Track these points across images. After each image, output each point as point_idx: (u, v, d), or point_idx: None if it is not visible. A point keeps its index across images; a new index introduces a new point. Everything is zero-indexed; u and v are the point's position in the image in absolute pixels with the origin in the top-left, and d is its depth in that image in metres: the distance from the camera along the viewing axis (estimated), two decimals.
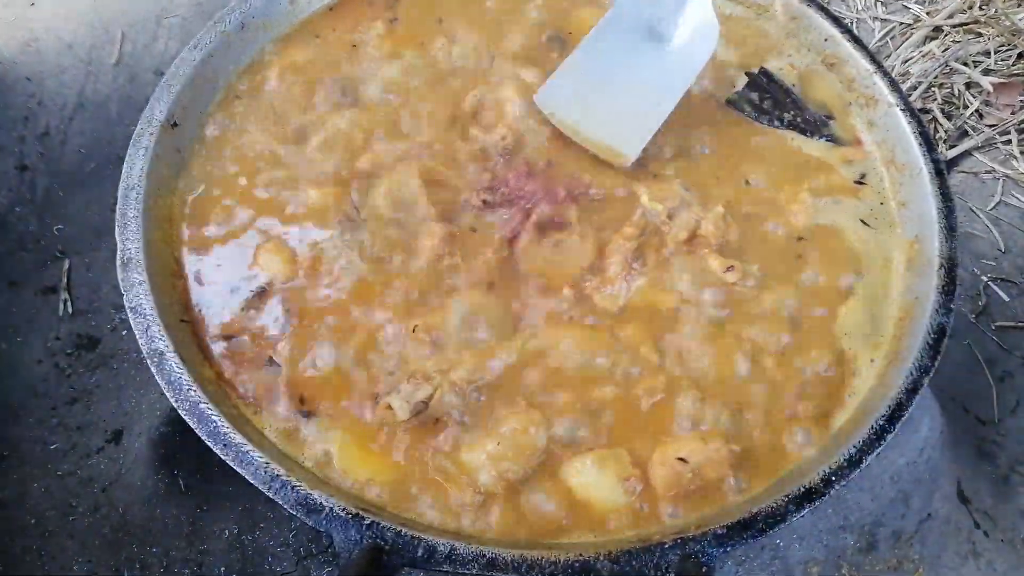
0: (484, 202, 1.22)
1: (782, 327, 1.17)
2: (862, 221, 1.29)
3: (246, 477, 0.98)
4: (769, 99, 1.40)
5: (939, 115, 1.93)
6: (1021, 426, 1.56)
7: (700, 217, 1.22)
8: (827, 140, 1.37)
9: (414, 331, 1.11)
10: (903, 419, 1.05)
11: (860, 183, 1.32)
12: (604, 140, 1.27)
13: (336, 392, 1.09)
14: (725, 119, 1.38)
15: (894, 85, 1.36)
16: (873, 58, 1.39)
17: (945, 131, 1.92)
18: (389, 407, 1.05)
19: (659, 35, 1.31)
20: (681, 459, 1.04)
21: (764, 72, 1.43)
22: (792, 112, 1.39)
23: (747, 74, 1.42)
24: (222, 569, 1.31)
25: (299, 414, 1.07)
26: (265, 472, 0.97)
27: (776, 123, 1.38)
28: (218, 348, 1.12)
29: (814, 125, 1.38)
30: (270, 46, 1.41)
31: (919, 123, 1.31)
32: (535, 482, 1.04)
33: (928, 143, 1.29)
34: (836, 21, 1.43)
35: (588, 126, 1.28)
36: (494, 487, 1.03)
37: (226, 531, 1.33)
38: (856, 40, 1.41)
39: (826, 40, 1.43)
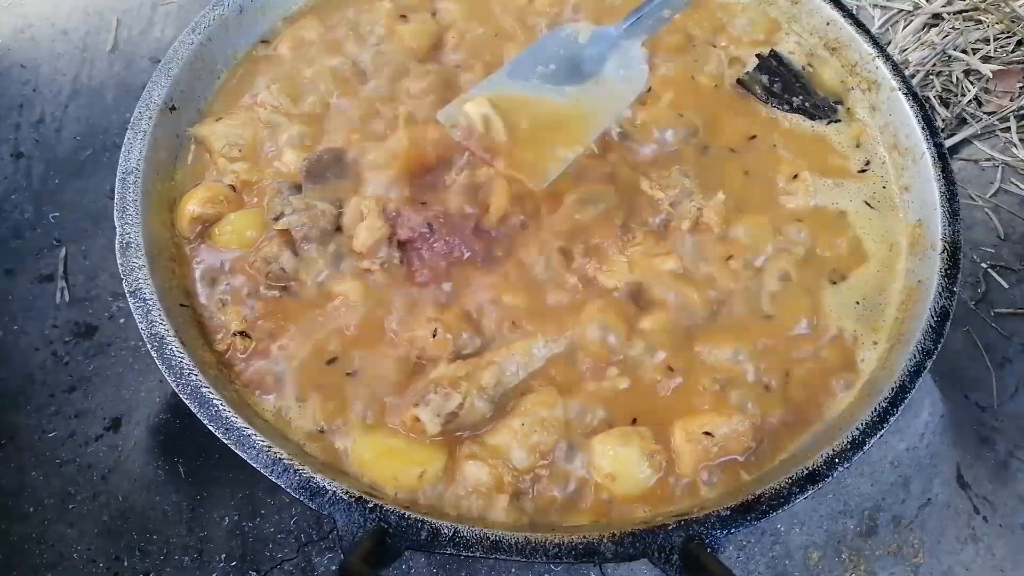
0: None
1: (783, 308, 1.18)
2: (866, 203, 1.29)
3: (248, 461, 0.97)
4: (779, 82, 1.39)
5: (936, 104, 1.93)
6: (1020, 412, 1.57)
7: (701, 205, 1.22)
8: (834, 124, 1.37)
9: (435, 335, 1.09)
10: (906, 402, 1.05)
11: (863, 171, 1.32)
12: (511, 166, 1.19)
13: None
14: (733, 102, 1.38)
15: (896, 69, 1.36)
16: (875, 41, 1.39)
17: (943, 119, 1.91)
18: (418, 420, 1.03)
19: (585, 73, 1.26)
20: (707, 433, 1.04)
21: (774, 55, 1.42)
22: (801, 96, 1.39)
23: (758, 56, 1.42)
24: (223, 556, 1.31)
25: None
26: (267, 456, 0.97)
27: (785, 106, 1.38)
28: None
29: (822, 110, 1.38)
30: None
31: (921, 107, 1.31)
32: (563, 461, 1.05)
33: (931, 127, 1.29)
34: (837, 4, 1.43)
35: (479, 111, 1.20)
36: (532, 464, 1.02)
37: (226, 518, 1.32)
38: (858, 23, 1.41)
39: (828, 24, 1.43)
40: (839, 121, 1.37)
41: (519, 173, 1.17)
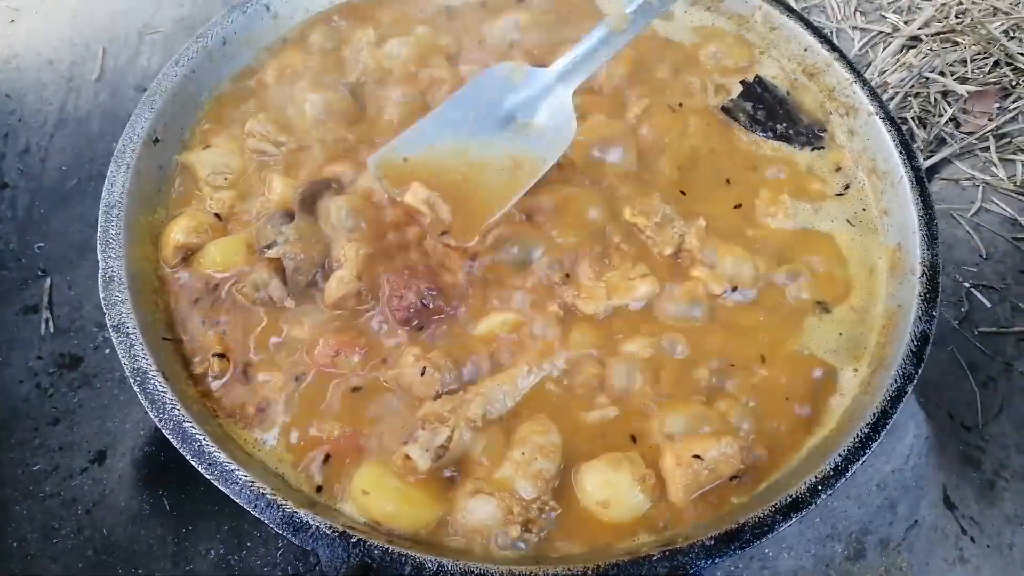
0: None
1: (765, 335, 1.18)
2: (848, 222, 1.30)
3: (231, 496, 0.97)
4: (763, 109, 1.41)
5: (914, 125, 1.95)
6: (1005, 431, 1.57)
7: (683, 232, 1.23)
8: (816, 151, 1.38)
9: (423, 374, 1.09)
10: (888, 427, 1.05)
11: (841, 194, 1.34)
12: (439, 215, 1.20)
13: None
14: (715, 129, 1.39)
15: (874, 94, 1.37)
16: (852, 67, 1.40)
17: (922, 140, 1.94)
18: (408, 458, 1.03)
19: (514, 122, 1.26)
20: (697, 456, 1.05)
21: (759, 80, 1.44)
22: (785, 123, 1.40)
23: (742, 83, 1.43)
24: None
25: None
26: (251, 491, 0.97)
27: (768, 134, 1.39)
28: None
29: (806, 136, 1.39)
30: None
31: (899, 131, 1.33)
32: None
33: (908, 151, 1.30)
34: (815, 31, 1.45)
35: (419, 197, 1.19)
36: (540, 491, 1.02)
37: (212, 551, 1.31)
38: (835, 49, 1.43)
39: (806, 50, 1.45)
40: (823, 148, 1.39)
41: (453, 239, 1.18)
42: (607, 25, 1.24)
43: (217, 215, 1.24)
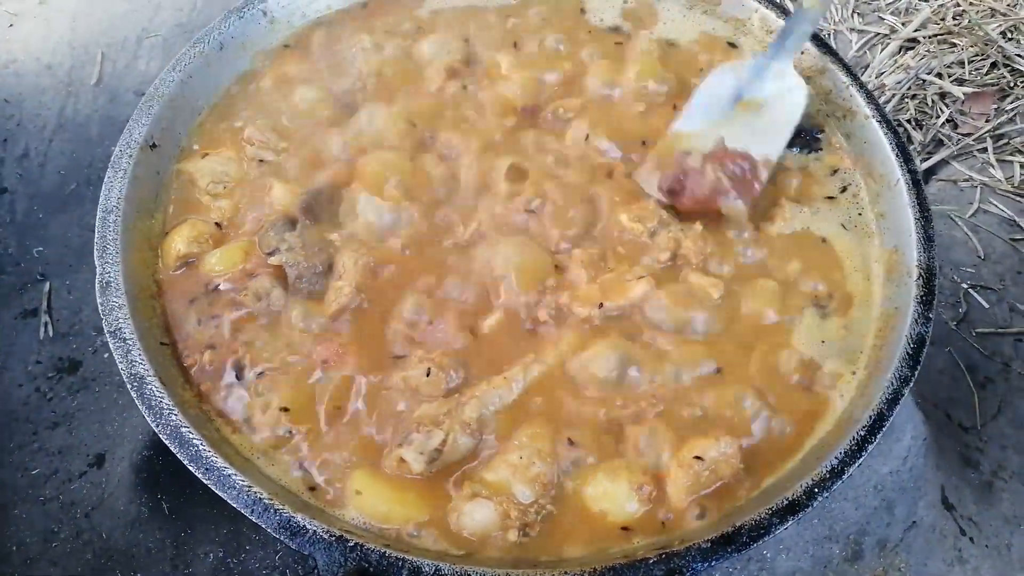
0: None
1: (762, 336, 1.19)
2: (842, 226, 1.30)
3: (228, 501, 0.97)
4: None
5: (909, 127, 1.95)
6: (1003, 432, 1.57)
7: (680, 236, 1.23)
8: (813, 153, 1.38)
9: (428, 375, 1.10)
10: (884, 429, 1.05)
11: (836, 197, 1.34)
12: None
13: None
14: None
15: (870, 97, 1.37)
16: (849, 70, 1.41)
17: (919, 142, 1.94)
18: (403, 460, 1.03)
19: (749, 104, 1.37)
20: (697, 457, 1.05)
21: None
22: None
23: None
24: None
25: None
26: (248, 496, 0.97)
27: None
28: None
29: (804, 140, 1.40)
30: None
31: (895, 135, 1.33)
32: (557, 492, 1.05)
33: (905, 154, 1.31)
34: (812, 34, 1.44)
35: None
36: (536, 496, 1.02)
37: (211, 554, 1.31)
38: (832, 52, 1.43)
39: (802, 53, 1.44)
40: (820, 151, 1.39)
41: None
42: (805, 3, 1.35)
43: (217, 223, 1.24)
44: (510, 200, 1.26)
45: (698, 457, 1.05)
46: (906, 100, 1.99)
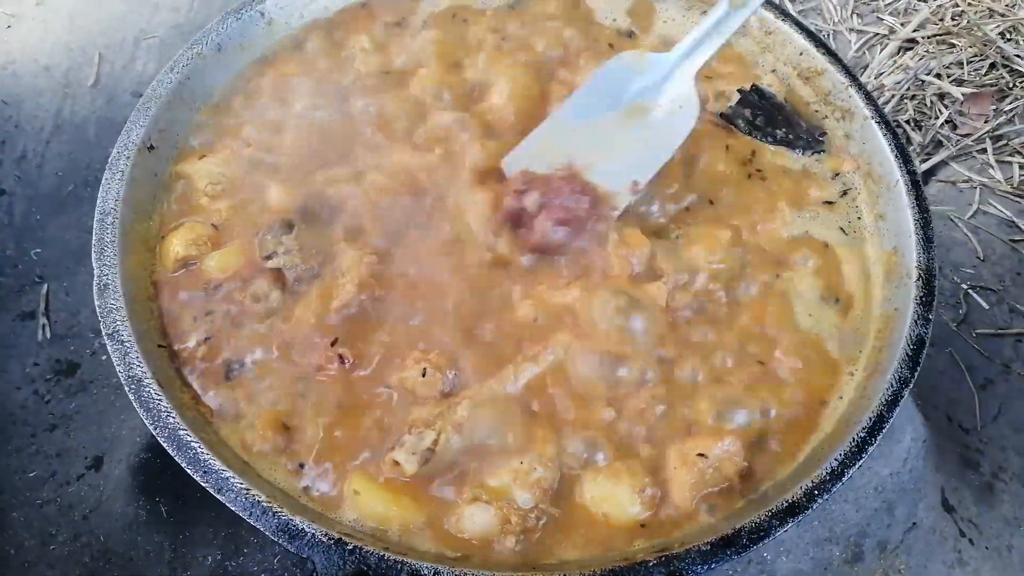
0: None
1: (760, 339, 1.18)
2: (841, 230, 1.30)
3: (226, 504, 0.97)
4: (762, 115, 1.41)
5: (908, 128, 1.95)
6: (1003, 433, 1.57)
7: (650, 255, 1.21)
8: (816, 155, 1.38)
9: (424, 375, 1.09)
10: (884, 431, 1.05)
11: (836, 201, 1.34)
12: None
13: None
14: (715, 135, 1.39)
15: (869, 98, 1.37)
16: (848, 71, 1.40)
17: (918, 143, 1.94)
18: (396, 463, 1.03)
19: (638, 108, 1.27)
20: (701, 455, 1.05)
21: (756, 89, 1.44)
22: (784, 128, 1.40)
23: (739, 91, 1.43)
24: None
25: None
26: (246, 498, 0.97)
27: (768, 139, 1.39)
28: None
29: (806, 141, 1.39)
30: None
31: (895, 135, 1.33)
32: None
33: (904, 155, 1.30)
34: (810, 34, 1.45)
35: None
36: (538, 500, 1.02)
37: (209, 557, 1.31)
38: (831, 53, 1.43)
39: (801, 54, 1.44)
40: (823, 151, 1.39)
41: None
42: (728, 1, 1.23)
43: (215, 225, 1.23)
44: None
45: (701, 454, 1.05)
46: (905, 101, 1.99)
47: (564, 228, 1.19)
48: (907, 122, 1.97)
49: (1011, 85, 2.00)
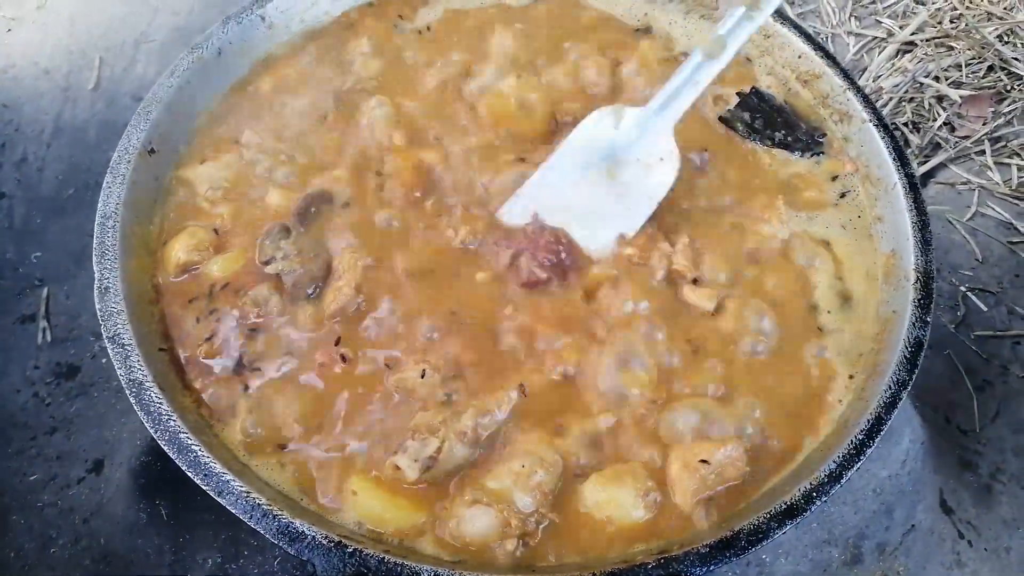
0: None
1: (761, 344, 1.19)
2: (842, 228, 1.31)
3: (226, 506, 0.97)
4: (760, 119, 1.41)
5: (906, 131, 1.96)
6: (1001, 435, 1.57)
7: (670, 252, 1.22)
8: (815, 157, 1.39)
9: (423, 376, 1.10)
10: (882, 433, 1.05)
11: (837, 203, 1.34)
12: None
13: None
14: (714, 139, 1.39)
15: (867, 101, 1.38)
16: (846, 74, 1.41)
17: (916, 146, 1.94)
18: (397, 468, 1.03)
19: (620, 162, 1.27)
20: (703, 460, 1.05)
21: (755, 92, 1.44)
22: (783, 131, 1.41)
23: (738, 94, 1.43)
24: None
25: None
26: (246, 501, 0.97)
27: (767, 142, 1.39)
28: None
29: (806, 143, 1.40)
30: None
31: (892, 138, 1.33)
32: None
33: (902, 158, 1.31)
34: (808, 38, 1.45)
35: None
36: (538, 504, 1.02)
37: (209, 560, 1.31)
38: (829, 56, 1.43)
39: (800, 57, 1.45)
40: (822, 154, 1.39)
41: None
42: (701, 52, 1.23)
43: (216, 230, 1.24)
44: None
45: (704, 460, 1.05)
46: (903, 103, 2.00)
47: (547, 270, 1.20)
48: (905, 124, 1.97)
49: (1009, 88, 2.01)
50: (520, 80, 1.39)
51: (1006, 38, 2.09)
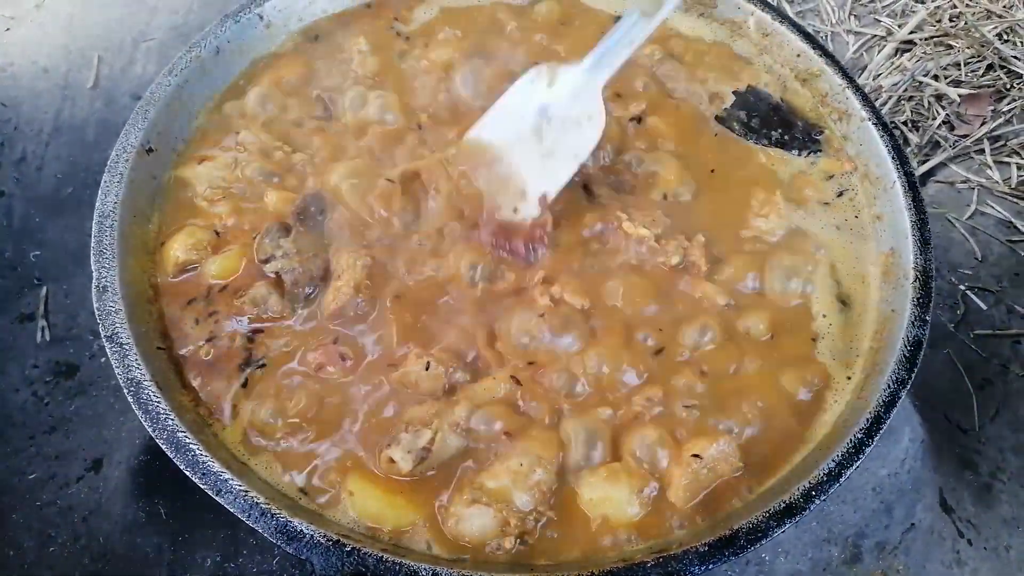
0: None
1: (759, 340, 1.19)
2: (841, 227, 1.31)
3: (225, 505, 0.97)
4: (757, 117, 1.41)
5: (906, 129, 1.95)
6: (1001, 433, 1.57)
7: (686, 245, 1.23)
8: (812, 155, 1.38)
9: (427, 368, 1.10)
10: (881, 432, 1.05)
11: (833, 201, 1.34)
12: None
13: None
14: (710, 140, 1.39)
15: (866, 99, 1.38)
16: (845, 72, 1.41)
17: (915, 144, 1.94)
18: (392, 460, 1.03)
19: (551, 119, 1.26)
20: (696, 455, 1.05)
21: (751, 90, 1.44)
22: (780, 130, 1.41)
23: (734, 93, 1.43)
24: None
25: None
26: (244, 500, 0.97)
27: (764, 141, 1.39)
28: None
29: (802, 142, 1.40)
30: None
31: (891, 137, 1.33)
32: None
33: (901, 156, 1.31)
34: (807, 36, 1.45)
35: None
36: (537, 503, 1.02)
37: (208, 559, 1.31)
38: (828, 55, 1.43)
39: (798, 56, 1.45)
40: (819, 152, 1.39)
41: None
42: (638, 9, 1.22)
43: (215, 231, 1.24)
44: None
45: (696, 455, 1.05)
46: (903, 102, 1.99)
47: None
48: (905, 123, 1.97)
49: (1008, 86, 2.01)
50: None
51: (1005, 36, 2.09)
